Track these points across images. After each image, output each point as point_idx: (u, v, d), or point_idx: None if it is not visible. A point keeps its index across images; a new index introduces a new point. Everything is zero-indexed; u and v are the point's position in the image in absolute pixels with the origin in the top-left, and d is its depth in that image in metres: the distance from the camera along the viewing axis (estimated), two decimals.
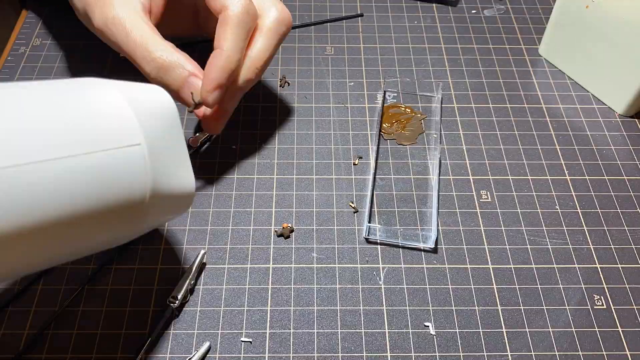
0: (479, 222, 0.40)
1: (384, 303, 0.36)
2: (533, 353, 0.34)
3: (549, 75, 0.49)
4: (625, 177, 0.42)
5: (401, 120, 0.45)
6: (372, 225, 0.39)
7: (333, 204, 0.40)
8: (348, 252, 0.38)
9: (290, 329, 0.35)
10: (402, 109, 0.46)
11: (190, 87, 0.35)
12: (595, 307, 0.36)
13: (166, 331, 0.34)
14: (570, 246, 0.39)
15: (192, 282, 0.36)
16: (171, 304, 0.34)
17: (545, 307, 0.36)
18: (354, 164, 0.43)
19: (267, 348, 0.34)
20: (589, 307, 0.36)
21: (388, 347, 0.34)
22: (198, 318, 0.35)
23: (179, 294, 0.35)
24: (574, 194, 0.41)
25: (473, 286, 0.37)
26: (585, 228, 0.40)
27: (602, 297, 0.36)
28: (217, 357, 0.34)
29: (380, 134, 0.44)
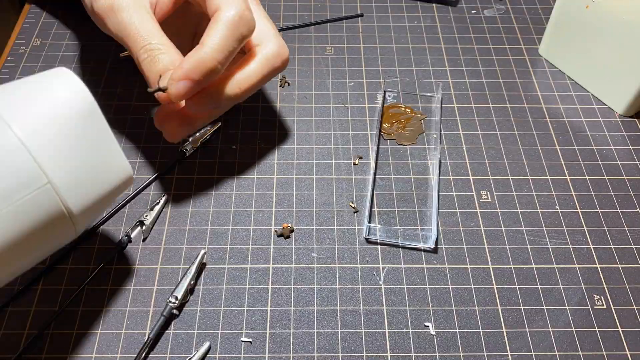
0: (479, 222, 0.40)
1: (384, 303, 0.36)
2: (533, 353, 0.34)
3: (549, 75, 0.49)
4: (625, 177, 0.42)
5: (401, 120, 0.45)
6: (372, 225, 0.39)
7: (333, 204, 0.40)
8: (348, 252, 0.38)
9: (290, 329, 0.35)
10: (402, 109, 0.46)
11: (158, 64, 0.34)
12: (595, 307, 0.36)
13: (166, 331, 0.34)
14: (570, 246, 0.39)
15: (192, 282, 0.36)
16: (171, 304, 0.34)
17: (545, 307, 0.36)
18: (354, 164, 0.43)
19: (267, 348, 0.34)
20: (589, 307, 0.36)
21: (388, 347, 0.34)
22: (198, 318, 0.35)
23: (179, 294, 0.35)
24: (574, 194, 0.41)
25: (473, 286, 0.37)
26: (585, 228, 0.40)
27: (602, 297, 0.36)
28: (217, 357, 0.34)
29: (380, 134, 0.44)
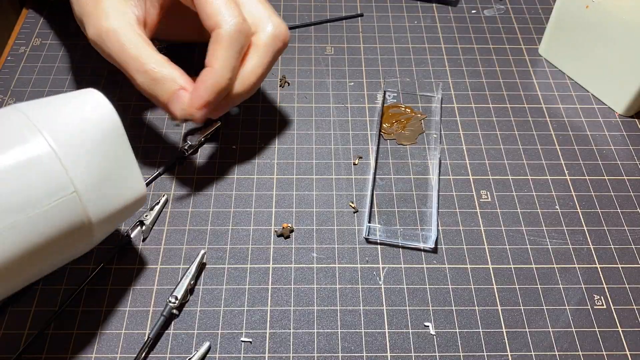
0: (479, 222, 0.40)
1: (384, 303, 0.36)
2: (533, 353, 0.34)
3: (549, 75, 0.49)
4: (625, 177, 0.42)
5: (401, 120, 0.45)
6: (372, 225, 0.39)
7: (333, 204, 0.40)
8: (348, 252, 0.38)
9: (290, 329, 0.35)
10: (402, 109, 0.46)
11: (179, 100, 0.35)
12: (595, 307, 0.36)
13: (166, 331, 0.34)
14: (570, 246, 0.39)
15: (192, 282, 0.36)
16: (171, 304, 0.34)
17: (545, 307, 0.36)
18: (354, 164, 0.43)
19: (267, 348, 0.34)
20: (589, 307, 0.36)
21: (388, 347, 0.34)
22: (198, 318, 0.35)
23: (179, 294, 0.35)
24: (574, 194, 0.41)
25: (473, 286, 0.37)
26: (585, 228, 0.40)
27: (602, 297, 0.36)
28: (217, 357, 0.34)
29: (380, 134, 0.44)
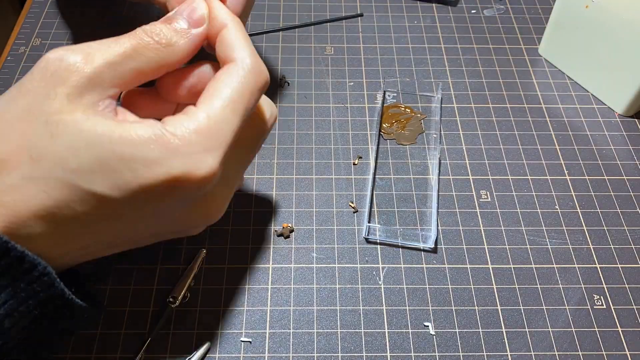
0: (479, 222, 0.40)
1: (384, 303, 0.36)
2: (533, 353, 0.34)
3: (548, 75, 0.49)
4: (625, 177, 0.42)
5: (401, 120, 0.45)
6: (372, 225, 0.39)
7: (333, 204, 0.40)
8: (348, 252, 0.38)
9: (290, 329, 0.35)
10: (402, 109, 0.46)
11: None
12: (595, 307, 0.36)
13: (166, 331, 0.34)
14: (570, 246, 0.39)
15: (192, 282, 0.36)
16: (171, 304, 0.34)
17: (545, 307, 0.36)
18: (354, 164, 0.43)
19: (266, 348, 0.34)
20: (589, 307, 0.36)
21: (388, 347, 0.34)
22: (198, 318, 0.35)
23: (179, 294, 0.35)
24: (573, 194, 0.41)
25: (473, 286, 0.37)
26: (585, 228, 0.40)
27: (602, 297, 0.36)
28: (217, 357, 0.34)
29: (380, 134, 0.44)
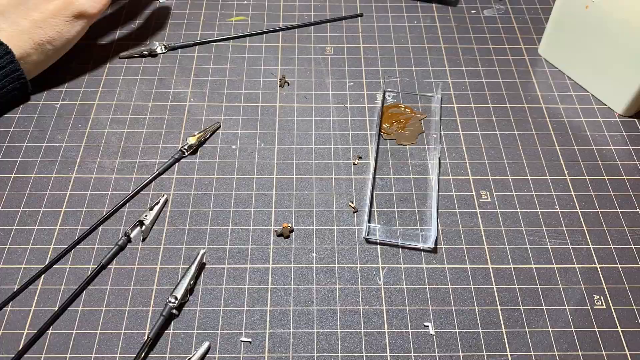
0: (479, 222, 0.40)
1: (384, 303, 0.36)
2: (533, 353, 0.34)
3: (548, 75, 0.49)
4: (624, 177, 0.42)
5: (401, 120, 0.45)
6: (372, 225, 0.39)
7: (333, 204, 0.40)
8: (347, 252, 0.38)
9: (289, 329, 0.35)
10: (402, 109, 0.46)
11: None
12: (595, 307, 0.36)
13: (166, 331, 0.34)
14: (570, 246, 0.39)
15: (191, 282, 0.36)
16: (171, 304, 0.34)
17: (544, 307, 0.36)
18: (354, 164, 0.43)
19: (266, 348, 0.34)
20: (589, 307, 0.36)
21: (388, 347, 0.34)
22: (198, 318, 0.35)
23: (179, 294, 0.35)
24: (573, 194, 0.41)
25: (473, 286, 0.37)
26: (585, 228, 0.40)
27: (601, 297, 0.36)
28: (217, 357, 0.34)
29: (380, 134, 0.44)
